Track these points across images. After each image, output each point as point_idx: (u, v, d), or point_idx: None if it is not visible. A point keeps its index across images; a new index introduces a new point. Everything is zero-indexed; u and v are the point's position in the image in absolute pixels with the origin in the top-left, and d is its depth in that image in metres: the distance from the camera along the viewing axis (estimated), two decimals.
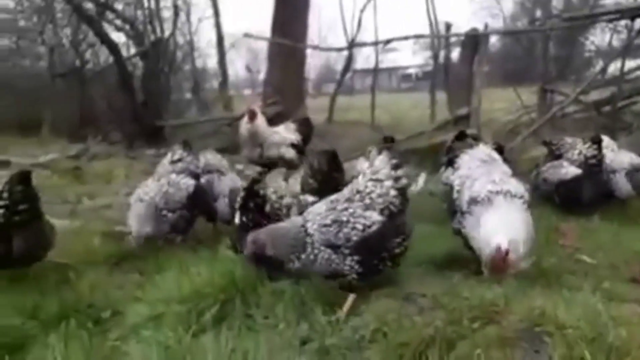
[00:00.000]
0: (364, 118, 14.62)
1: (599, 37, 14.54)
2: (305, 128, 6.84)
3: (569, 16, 8.52)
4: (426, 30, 14.73)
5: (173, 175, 4.40)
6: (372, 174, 3.09)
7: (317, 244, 2.93)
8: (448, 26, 12.73)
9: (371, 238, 2.92)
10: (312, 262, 2.95)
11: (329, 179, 3.84)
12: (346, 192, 3.13)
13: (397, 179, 3.04)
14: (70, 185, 7.32)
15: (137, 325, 3.07)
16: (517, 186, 3.44)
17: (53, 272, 3.81)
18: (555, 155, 5.28)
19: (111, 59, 12.12)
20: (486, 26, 10.95)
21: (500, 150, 4.09)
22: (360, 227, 2.91)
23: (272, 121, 10.78)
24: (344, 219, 2.94)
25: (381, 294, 3.04)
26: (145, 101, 11.86)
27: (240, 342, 2.74)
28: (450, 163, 3.85)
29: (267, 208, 3.51)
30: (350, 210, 2.97)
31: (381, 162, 3.10)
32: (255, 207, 3.48)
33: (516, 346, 2.47)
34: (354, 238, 2.90)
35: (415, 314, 2.79)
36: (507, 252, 2.90)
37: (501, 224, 3.12)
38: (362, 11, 14.72)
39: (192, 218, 4.42)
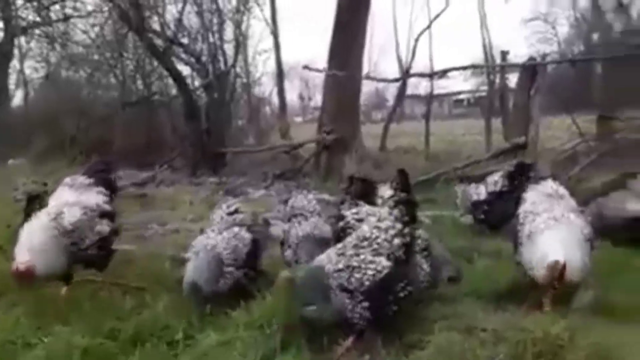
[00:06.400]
0: (416, 145, 14.68)
1: None
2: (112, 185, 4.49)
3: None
4: (480, 55, 14.74)
5: (236, 228, 4.04)
6: (377, 221, 3.13)
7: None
8: (504, 54, 12.67)
9: (381, 283, 2.94)
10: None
11: None
12: (352, 239, 3.17)
13: (404, 235, 3.04)
14: (139, 212, 7.64)
15: (207, 349, 3.19)
16: (578, 221, 3.49)
17: (131, 296, 4.02)
18: None
19: (177, 90, 12.81)
20: (544, 56, 10.85)
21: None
22: (371, 272, 2.95)
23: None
24: (355, 264, 2.98)
25: (443, 327, 3.10)
26: (208, 129, 12.39)
27: None
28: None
29: None
30: (362, 257, 3.01)
31: (389, 214, 3.10)
32: None
33: None
34: (366, 283, 2.94)
35: (478, 348, 2.82)
36: (564, 268, 3.06)
37: (558, 242, 3.25)
38: (416, 40, 14.97)
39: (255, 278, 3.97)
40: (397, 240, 3.01)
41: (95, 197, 4.18)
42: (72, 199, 4.08)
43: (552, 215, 3.50)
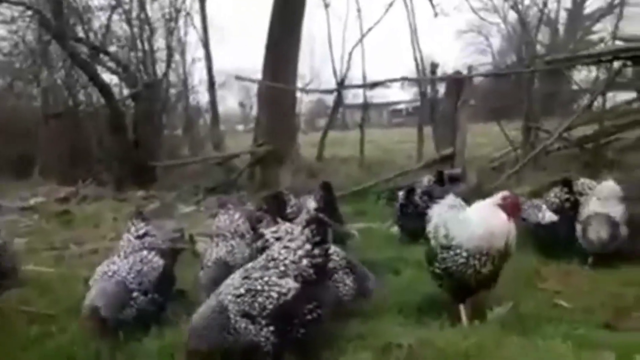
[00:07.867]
0: (355, 153, 14.85)
1: (584, 71, 14.84)
2: None
3: (551, 59, 8.77)
4: (414, 66, 15.10)
5: (144, 252, 3.83)
6: (287, 241, 3.08)
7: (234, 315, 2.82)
8: (434, 66, 13.02)
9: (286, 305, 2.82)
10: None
11: None
12: (261, 259, 3.07)
13: (314, 256, 2.95)
14: (58, 230, 7.30)
15: None
16: None
17: (38, 323, 3.81)
18: None
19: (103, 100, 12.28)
20: (469, 68, 11.22)
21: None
22: (275, 295, 2.83)
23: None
24: (259, 287, 2.85)
25: (358, 346, 3.08)
26: (136, 141, 11.91)
27: None
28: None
29: None
30: (266, 279, 2.89)
31: (300, 233, 3.05)
32: None
33: None
34: (269, 307, 2.81)
35: None
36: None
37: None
38: (350, 53, 15.15)
39: (163, 304, 3.74)
40: (305, 261, 2.91)
41: None
42: None
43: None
